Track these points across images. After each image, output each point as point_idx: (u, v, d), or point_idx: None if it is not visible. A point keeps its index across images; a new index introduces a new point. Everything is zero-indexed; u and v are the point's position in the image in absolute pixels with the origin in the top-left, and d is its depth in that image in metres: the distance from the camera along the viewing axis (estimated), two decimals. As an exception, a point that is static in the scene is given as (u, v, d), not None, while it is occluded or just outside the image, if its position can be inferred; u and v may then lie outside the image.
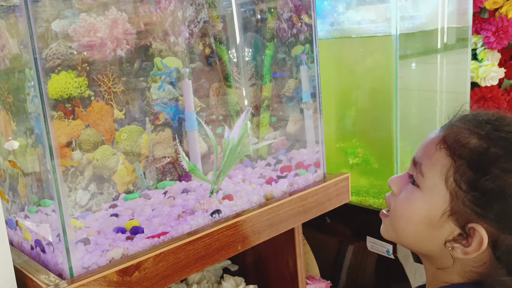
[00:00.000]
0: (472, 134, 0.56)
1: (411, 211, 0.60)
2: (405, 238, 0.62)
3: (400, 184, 0.64)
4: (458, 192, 0.55)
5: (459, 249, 0.56)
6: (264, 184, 0.88)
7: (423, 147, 0.62)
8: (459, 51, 1.27)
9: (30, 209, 0.75)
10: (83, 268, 0.64)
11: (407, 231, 0.61)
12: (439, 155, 0.57)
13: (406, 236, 0.61)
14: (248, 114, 0.83)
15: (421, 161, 0.60)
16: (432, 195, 0.57)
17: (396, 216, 0.62)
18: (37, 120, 0.70)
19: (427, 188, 0.58)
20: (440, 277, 0.61)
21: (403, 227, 0.61)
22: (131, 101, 0.87)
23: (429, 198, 0.58)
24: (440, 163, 0.57)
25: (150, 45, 0.89)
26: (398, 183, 0.65)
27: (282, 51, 1.03)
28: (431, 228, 0.58)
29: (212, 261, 0.74)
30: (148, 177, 0.90)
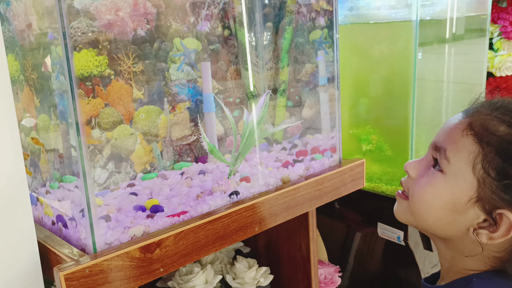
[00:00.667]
0: (501, 121, 0.56)
1: (433, 196, 0.59)
2: (424, 223, 0.62)
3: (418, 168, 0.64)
4: (486, 179, 0.55)
5: (485, 235, 0.56)
6: (281, 167, 0.89)
7: (447, 132, 0.61)
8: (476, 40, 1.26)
9: (52, 184, 0.76)
10: (106, 244, 0.65)
11: (428, 216, 0.61)
12: (466, 141, 0.57)
13: (426, 221, 0.61)
14: (268, 97, 0.83)
15: (445, 146, 0.59)
16: (457, 181, 0.57)
17: (416, 200, 0.62)
18: (61, 97, 0.71)
19: (452, 173, 0.58)
20: (459, 264, 0.61)
21: (424, 211, 0.61)
22: (150, 81, 0.88)
23: (454, 184, 0.57)
24: (467, 149, 0.57)
25: (170, 26, 0.88)
26: (416, 167, 0.64)
27: (301, 36, 1.03)
28: (454, 213, 0.58)
29: (230, 241, 0.75)
30: (164, 158, 0.91)
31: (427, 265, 1.23)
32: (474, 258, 0.59)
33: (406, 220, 0.65)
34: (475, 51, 1.29)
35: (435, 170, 0.61)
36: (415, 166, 0.65)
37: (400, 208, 0.66)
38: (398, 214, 0.67)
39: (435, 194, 0.59)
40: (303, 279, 1.00)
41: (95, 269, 0.60)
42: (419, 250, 1.18)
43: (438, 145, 0.61)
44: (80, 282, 0.59)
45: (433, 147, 0.63)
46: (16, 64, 0.76)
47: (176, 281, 0.92)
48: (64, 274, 0.57)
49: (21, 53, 0.76)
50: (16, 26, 0.76)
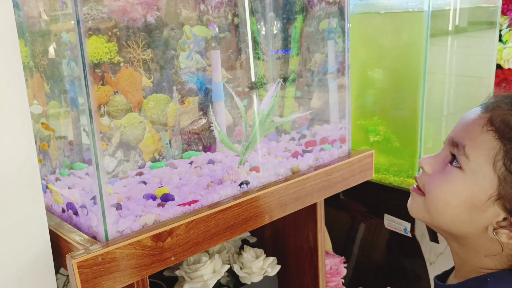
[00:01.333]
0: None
1: (451, 193, 0.57)
2: (440, 220, 0.60)
3: (433, 164, 0.62)
4: (508, 177, 0.53)
5: (505, 234, 0.55)
6: (290, 157, 0.89)
7: (465, 127, 0.59)
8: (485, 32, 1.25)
9: (62, 172, 0.75)
10: (117, 232, 0.65)
11: (444, 213, 0.59)
12: (486, 137, 0.55)
13: (443, 218, 0.59)
14: (279, 86, 0.82)
15: (464, 142, 0.57)
16: (477, 178, 0.55)
17: (433, 197, 0.60)
18: (72, 83, 0.70)
19: (472, 170, 0.56)
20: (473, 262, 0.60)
21: (440, 209, 0.59)
22: (159, 69, 0.87)
23: (473, 181, 0.56)
24: (487, 145, 0.55)
25: (180, 13, 0.87)
26: (432, 163, 0.62)
27: (311, 25, 1.02)
28: (472, 211, 0.56)
29: (240, 230, 0.75)
30: (173, 147, 0.90)
31: (433, 256, 1.23)
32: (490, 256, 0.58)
33: (420, 217, 0.63)
34: (484, 44, 1.28)
35: (452, 166, 0.58)
36: (431, 162, 0.62)
37: (415, 204, 0.64)
38: (412, 210, 0.65)
39: (453, 191, 0.57)
40: (310, 270, 1.00)
41: (107, 257, 0.60)
42: (425, 241, 1.18)
43: (456, 140, 0.59)
44: (93, 270, 0.59)
45: (450, 142, 0.60)
46: (25, 50, 0.75)
47: (184, 270, 0.92)
48: (77, 262, 0.57)
49: (30, 39, 0.75)
50: (26, 12, 0.75)
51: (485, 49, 1.29)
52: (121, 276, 0.62)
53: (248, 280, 0.96)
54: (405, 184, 1.12)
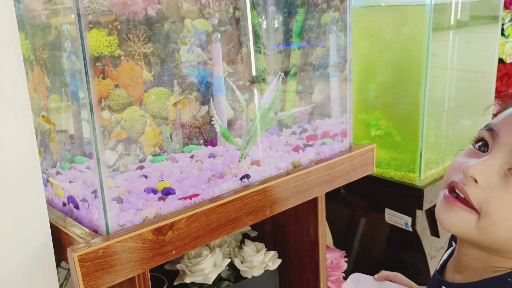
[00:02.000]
0: None
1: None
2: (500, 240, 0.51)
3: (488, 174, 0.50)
4: None
5: None
6: (291, 151, 0.88)
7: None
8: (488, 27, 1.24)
9: (63, 165, 0.75)
10: (118, 226, 0.65)
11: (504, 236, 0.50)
12: None
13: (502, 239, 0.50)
14: (280, 80, 0.82)
15: None
16: None
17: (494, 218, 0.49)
18: (73, 77, 0.70)
19: None
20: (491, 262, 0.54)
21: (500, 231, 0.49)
22: (160, 63, 0.87)
23: None
24: None
25: (180, 6, 0.87)
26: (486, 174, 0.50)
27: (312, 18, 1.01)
28: None
29: (241, 224, 0.75)
30: (174, 141, 0.90)
31: (433, 249, 1.23)
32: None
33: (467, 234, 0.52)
34: (486, 38, 1.27)
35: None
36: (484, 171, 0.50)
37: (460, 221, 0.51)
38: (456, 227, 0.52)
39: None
40: (310, 264, 1.00)
41: (109, 250, 0.60)
42: (426, 235, 1.18)
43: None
44: (94, 263, 0.59)
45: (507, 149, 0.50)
46: (26, 43, 0.75)
47: (185, 263, 0.93)
48: (78, 255, 0.57)
49: (31, 32, 0.75)
50: (26, 4, 0.74)
51: (487, 43, 1.28)
52: (122, 269, 0.62)
53: (249, 274, 0.97)
54: (406, 178, 1.12)
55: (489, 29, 1.26)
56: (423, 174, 1.11)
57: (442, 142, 1.20)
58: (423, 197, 1.08)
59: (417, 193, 1.09)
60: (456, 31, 1.17)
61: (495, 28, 1.26)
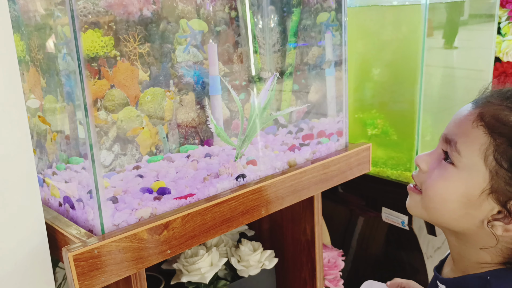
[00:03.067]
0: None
1: (446, 190, 0.58)
2: (438, 217, 0.60)
3: (429, 162, 0.62)
4: (499, 171, 0.54)
5: (500, 227, 0.55)
6: (287, 151, 0.89)
7: (457, 123, 0.59)
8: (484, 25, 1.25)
9: (59, 166, 0.76)
10: (114, 225, 0.65)
11: (442, 210, 0.59)
12: (477, 133, 0.56)
13: (440, 215, 0.60)
14: (275, 80, 0.82)
15: (456, 138, 0.58)
16: (470, 174, 0.56)
17: (430, 195, 0.60)
18: (68, 77, 0.70)
19: (465, 166, 0.56)
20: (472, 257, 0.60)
21: (438, 206, 0.59)
22: (155, 63, 0.87)
23: (466, 177, 0.56)
24: (478, 141, 0.55)
25: (176, 6, 0.87)
26: (427, 161, 0.62)
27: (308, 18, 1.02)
28: (468, 206, 0.57)
29: (237, 224, 0.75)
30: (170, 141, 0.90)
31: (430, 249, 1.24)
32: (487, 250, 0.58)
33: (419, 214, 0.63)
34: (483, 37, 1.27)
35: (446, 163, 0.59)
36: (426, 159, 0.63)
37: (413, 202, 0.64)
38: (411, 208, 0.65)
39: (448, 187, 0.58)
40: (307, 263, 1.00)
41: (104, 250, 0.60)
42: (422, 234, 1.19)
43: (448, 137, 0.59)
44: (89, 263, 0.59)
45: (443, 139, 0.61)
46: (21, 44, 0.75)
47: (182, 263, 0.93)
48: (73, 255, 0.57)
49: (26, 33, 0.75)
50: (21, 5, 0.75)
51: (484, 42, 1.29)
52: (117, 269, 0.62)
53: (245, 273, 0.97)
54: (403, 177, 1.12)
55: (486, 27, 1.26)
56: (419, 173, 1.11)
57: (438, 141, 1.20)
58: (419, 196, 1.08)
59: (413, 191, 1.09)
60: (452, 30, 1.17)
61: (492, 27, 1.26)
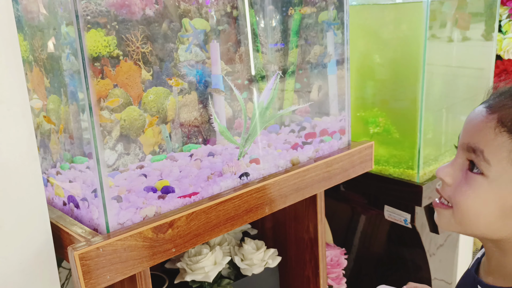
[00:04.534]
0: None
1: (480, 202, 0.56)
2: (475, 230, 0.59)
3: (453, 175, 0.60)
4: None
5: None
6: (290, 149, 0.89)
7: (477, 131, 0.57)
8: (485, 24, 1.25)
9: (63, 165, 0.76)
10: (119, 224, 0.65)
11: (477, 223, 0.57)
12: (502, 139, 0.54)
13: (477, 228, 0.58)
14: (278, 78, 0.83)
15: (481, 147, 0.55)
16: (502, 182, 0.54)
17: (463, 210, 0.58)
18: (72, 77, 0.70)
19: (495, 175, 0.55)
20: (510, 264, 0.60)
21: (473, 219, 0.57)
22: (158, 62, 0.87)
23: (499, 186, 0.55)
24: (506, 147, 0.54)
25: (178, 6, 0.87)
26: (451, 173, 0.60)
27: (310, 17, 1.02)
28: (505, 216, 0.55)
29: (241, 222, 0.76)
30: (173, 140, 0.90)
31: (433, 247, 1.24)
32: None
33: (453, 229, 0.61)
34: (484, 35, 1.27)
35: (474, 173, 0.57)
36: (449, 172, 0.60)
37: (444, 219, 0.61)
38: (443, 225, 0.62)
39: (481, 200, 0.56)
40: (310, 261, 1.01)
41: (109, 248, 0.60)
42: (425, 232, 1.19)
43: (472, 146, 0.57)
44: (94, 262, 0.59)
45: (465, 148, 0.58)
46: (25, 44, 0.76)
47: (185, 262, 0.93)
48: (79, 253, 0.58)
49: (30, 33, 0.75)
50: (24, 6, 0.75)
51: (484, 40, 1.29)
52: (122, 267, 0.62)
53: (249, 271, 0.97)
54: (405, 175, 1.12)
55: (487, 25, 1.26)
56: (421, 171, 1.11)
57: (441, 139, 1.21)
58: (421, 194, 1.08)
59: (415, 189, 1.09)
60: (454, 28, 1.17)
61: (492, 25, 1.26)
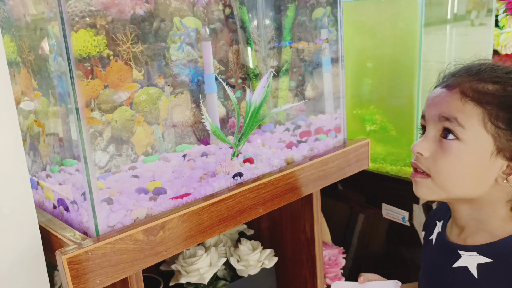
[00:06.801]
0: (485, 82, 0.63)
1: (459, 164, 0.63)
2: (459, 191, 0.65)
3: (428, 146, 0.66)
4: (499, 132, 0.61)
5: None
6: (285, 148, 0.88)
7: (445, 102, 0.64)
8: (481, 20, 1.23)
9: (52, 168, 0.75)
10: (109, 227, 0.64)
11: (461, 185, 0.64)
12: (469, 107, 0.62)
13: (461, 189, 0.64)
14: (271, 76, 0.81)
15: (454, 114, 0.63)
16: (477, 143, 0.62)
17: (444, 175, 0.64)
18: (60, 78, 0.69)
19: (470, 137, 0.62)
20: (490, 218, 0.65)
21: (455, 182, 0.64)
22: (150, 62, 0.86)
23: (475, 146, 0.62)
24: (474, 113, 0.62)
25: (169, 4, 0.86)
26: (425, 146, 0.66)
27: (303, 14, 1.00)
28: (482, 172, 0.63)
29: (234, 223, 0.74)
30: (166, 140, 0.89)
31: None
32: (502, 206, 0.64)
33: (436, 197, 0.67)
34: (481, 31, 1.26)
35: (449, 140, 0.64)
36: (425, 145, 0.66)
37: (425, 188, 0.67)
38: (424, 194, 0.68)
39: (461, 161, 0.63)
40: (307, 261, 1.00)
41: (98, 252, 0.59)
42: (423, 230, 1.17)
43: (444, 115, 0.64)
44: (83, 266, 0.58)
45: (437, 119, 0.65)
46: (12, 46, 0.74)
47: (180, 264, 0.92)
48: (67, 258, 0.56)
49: (17, 34, 0.74)
50: (11, 6, 0.74)
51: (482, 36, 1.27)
52: (113, 271, 0.61)
53: (245, 272, 0.96)
54: (403, 173, 1.11)
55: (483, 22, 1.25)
56: (419, 168, 1.10)
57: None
58: (419, 191, 1.07)
59: (413, 187, 1.08)
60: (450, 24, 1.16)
61: (489, 20, 1.25)
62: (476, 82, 0.63)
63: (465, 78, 0.64)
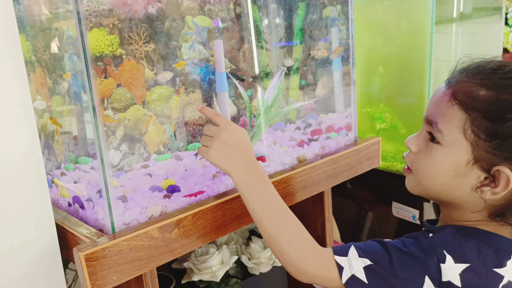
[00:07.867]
0: (480, 86, 0.60)
1: (436, 166, 0.63)
2: (432, 191, 0.66)
3: (417, 143, 0.67)
4: (478, 142, 0.59)
5: (488, 191, 0.61)
6: (296, 146, 0.88)
7: (434, 105, 0.65)
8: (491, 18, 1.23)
9: (67, 166, 0.75)
10: (124, 224, 0.64)
11: (434, 185, 0.65)
12: (453, 111, 0.61)
13: (434, 189, 0.65)
14: (283, 75, 0.82)
15: (436, 119, 0.63)
16: (454, 149, 0.61)
17: (421, 173, 0.66)
18: (75, 77, 0.70)
19: (448, 143, 0.62)
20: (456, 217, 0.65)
21: (430, 181, 0.65)
22: (161, 61, 0.86)
23: (451, 152, 0.61)
24: (456, 118, 0.61)
25: (181, 3, 0.87)
26: (415, 143, 0.67)
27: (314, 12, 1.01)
28: (457, 178, 0.62)
29: (248, 220, 0.75)
30: (178, 139, 0.90)
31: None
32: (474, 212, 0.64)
33: (417, 192, 0.69)
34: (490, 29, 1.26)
35: (433, 143, 0.64)
36: (415, 141, 0.68)
37: (409, 182, 0.70)
38: (409, 188, 0.70)
39: (437, 164, 0.63)
40: (318, 259, 0.99)
41: (115, 249, 0.60)
42: (434, 228, 1.17)
43: (429, 118, 0.64)
44: (100, 262, 0.59)
45: (425, 121, 0.66)
46: (27, 45, 0.75)
47: (192, 261, 0.92)
48: (84, 254, 0.57)
49: (32, 33, 0.75)
50: (26, 6, 0.74)
51: (491, 34, 1.27)
52: (128, 268, 0.62)
53: (256, 270, 0.96)
54: (413, 171, 1.11)
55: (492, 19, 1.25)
56: (429, 166, 1.10)
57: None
58: (430, 189, 1.07)
59: (424, 185, 1.08)
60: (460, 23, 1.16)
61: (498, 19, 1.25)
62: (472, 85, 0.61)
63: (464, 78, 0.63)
